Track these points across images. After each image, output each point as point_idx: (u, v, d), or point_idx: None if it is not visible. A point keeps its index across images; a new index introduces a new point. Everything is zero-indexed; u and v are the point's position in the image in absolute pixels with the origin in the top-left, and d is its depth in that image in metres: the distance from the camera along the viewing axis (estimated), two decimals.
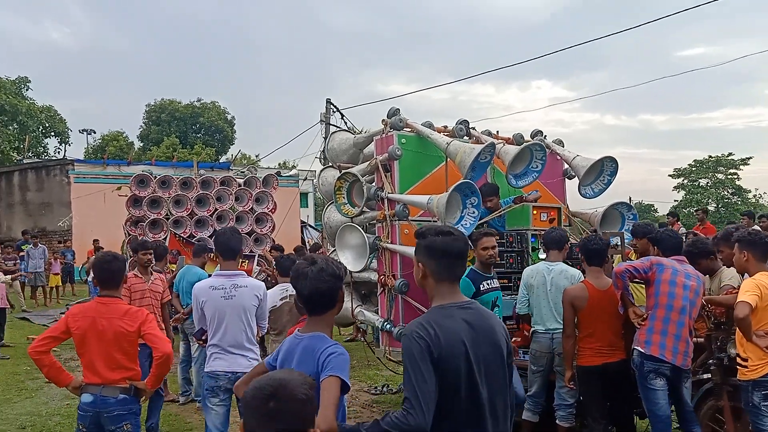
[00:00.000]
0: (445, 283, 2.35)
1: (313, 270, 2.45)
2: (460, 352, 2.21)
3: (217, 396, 4.07)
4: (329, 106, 20.85)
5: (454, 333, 2.22)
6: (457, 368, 2.21)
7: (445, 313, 2.28)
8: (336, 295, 2.51)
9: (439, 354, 2.17)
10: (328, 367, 2.34)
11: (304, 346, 2.44)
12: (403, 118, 5.99)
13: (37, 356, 3.39)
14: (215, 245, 4.34)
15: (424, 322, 2.25)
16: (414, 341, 2.19)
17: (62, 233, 20.37)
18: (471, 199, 5.47)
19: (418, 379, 2.14)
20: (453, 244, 2.35)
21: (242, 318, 4.10)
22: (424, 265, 2.36)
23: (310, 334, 2.48)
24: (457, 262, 2.40)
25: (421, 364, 2.15)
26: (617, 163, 6.45)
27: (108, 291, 3.55)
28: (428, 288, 2.39)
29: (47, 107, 31.30)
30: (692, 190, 43.72)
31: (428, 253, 2.35)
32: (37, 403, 7.50)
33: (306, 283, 2.44)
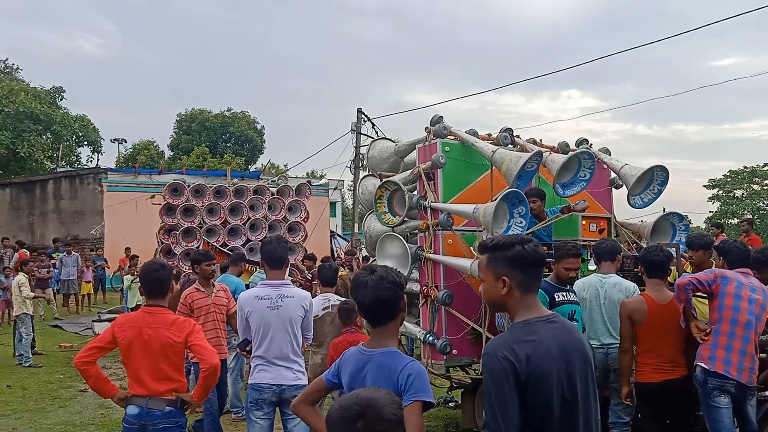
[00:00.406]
0: (530, 295, 2.19)
1: (373, 279, 2.37)
2: (552, 371, 2.05)
3: (262, 409, 3.94)
4: (360, 115, 20.83)
5: (543, 350, 2.06)
6: (549, 389, 2.05)
7: (532, 328, 2.12)
8: (398, 304, 2.42)
9: (528, 375, 2.02)
10: (411, 389, 2.25)
11: (379, 364, 2.35)
12: (446, 125, 5.85)
13: (83, 366, 3.29)
14: (261, 254, 4.21)
15: (510, 341, 2.10)
16: (498, 362, 2.03)
17: (94, 241, 20.59)
18: (518, 208, 5.29)
19: (501, 404, 2.00)
20: (539, 252, 2.21)
21: (288, 329, 3.97)
22: (509, 277, 2.16)
23: (381, 349, 2.38)
24: (541, 272, 2.27)
25: (505, 388, 2.00)
26: (668, 172, 6.21)
27: (155, 300, 3.45)
28: (511, 303, 2.19)
29: (81, 117, 31.83)
30: (727, 201, 42.74)
31: (515, 263, 2.16)
32: (71, 413, 7.46)
33: (366, 292, 2.36)
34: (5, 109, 25.54)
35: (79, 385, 8.89)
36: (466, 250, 5.69)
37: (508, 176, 5.47)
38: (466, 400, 5.94)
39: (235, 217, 12.20)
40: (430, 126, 5.88)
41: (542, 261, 2.24)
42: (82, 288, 16.54)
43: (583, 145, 6.87)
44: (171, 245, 12.05)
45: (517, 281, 2.16)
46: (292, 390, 3.95)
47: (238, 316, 4.08)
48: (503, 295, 2.18)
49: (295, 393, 3.94)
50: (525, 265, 2.17)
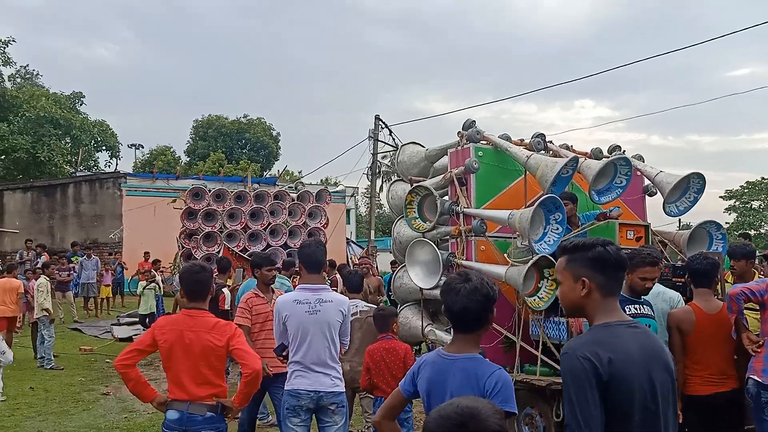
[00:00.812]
0: (611, 298, 2.13)
1: (466, 287, 2.36)
2: (633, 375, 1.99)
3: (299, 416, 3.86)
4: (378, 122, 20.80)
5: (625, 354, 2.00)
6: (630, 393, 1.98)
7: (613, 332, 2.06)
8: (486, 316, 2.41)
9: (609, 377, 1.95)
10: (498, 397, 2.24)
11: (463, 369, 2.33)
12: (479, 130, 5.78)
13: (123, 370, 3.23)
14: (299, 257, 4.13)
15: (591, 341, 2.04)
16: (579, 362, 1.96)
17: (113, 245, 20.69)
18: (555, 214, 5.20)
19: (582, 405, 1.94)
20: (621, 255, 2.15)
21: (326, 334, 3.88)
22: (590, 279, 2.11)
23: (464, 355, 2.37)
24: (623, 275, 2.21)
25: (587, 389, 1.94)
26: (705, 179, 6.09)
27: (195, 303, 3.38)
28: (591, 305, 2.13)
29: (100, 122, 32.17)
30: (744, 212, 42.22)
31: (597, 265, 2.12)
32: (95, 416, 7.42)
33: (456, 300, 2.36)
34: (26, 113, 25.80)
35: (101, 388, 8.88)
36: (499, 257, 5.59)
37: (543, 182, 5.38)
38: None
39: (256, 222, 12.17)
40: (463, 130, 5.81)
41: (624, 264, 2.18)
42: (101, 291, 16.61)
43: (615, 152, 6.77)
44: (192, 249, 12.04)
45: (597, 283, 2.11)
46: (330, 397, 3.87)
47: (275, 320, 4.01)
48: (582, 297, 2.13)
49: (333, 400, 3.86)
50: (606, 267, 2.11)
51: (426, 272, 5.90)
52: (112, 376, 9.78)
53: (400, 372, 4.45)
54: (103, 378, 9.65)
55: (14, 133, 24.91)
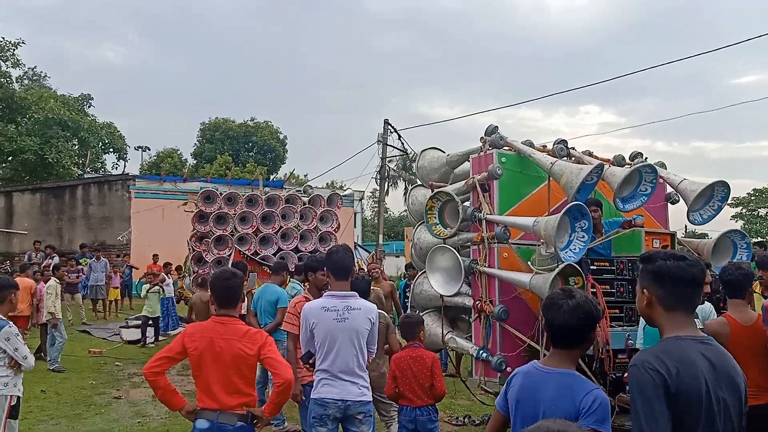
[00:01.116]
0: (678, 312, 2.11)
1: (569, 304, 2.35)
2: (701, 391, 1.96)
3: (325, 425, 3.78)
4: (387, 126, 20.76)
5: (694, 368, 1.98)
6: (696, 408, 1.95)
7: (683, 345, 2.04)
8: (587, 335, 2.41)
9: (676, 390, 1.94)
10: (593, 416, 2.23)
11: (559, 383, 2.32)
12: (503, 135, 5.71)
13: (152, 377, 3.15)
14: (327, 264, 4.04)
15: (659, 353, 2.02)
16: (647, 374, 1.95)
17: (121, 247, 20.68)
18: (581, 222, 5.12)
19: (649, 418, 1.92)
20: (687, 270, 2.10)
21: (355, 342, 3.81)
22: (649, 291, 2.15)
23: (562, 370, 2.37)
24: (691, 290, 2.14)
25: (654, 401, 1.92)
26: (729, 188, 6.01)
27: (226, 310, 3.31)
28: (655, 317, 2.16)
29: (108, 124, 32.23)
30: (751, 219, 42.02)
31: (655, 278, 2.13)
32: (108, 420, 7.37)
33: (558, 316, 2.36)
34: (35, 115, 25.85)
35: (112, 392, 8.82)
36: (522, 264, 5.52)
37: (568, 189, 5.31)
38: None
39: (267, 226, 12.10)
40: (486, 136, 5.74)
41: (686, 280, 2.11)
42: (110, 294, 16.58)
43: (637, 159, 6.70)
44: (202, 253, 11.98)
45: (657, 296, 2.12)
46: (357, 406, 3.79)
47: (301, 327, 3.93)
48: (645, 307, 2.17)
49: (360, 409, 3.79)
50: (664, 281, 2.11)
51: (446, 279, 5.83)
52: (123, 380, 9.74)
53: (426, 381, 4.38)
54: (114, 381, 9.60)
55: (22, 135, 24.97)
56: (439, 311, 5.98)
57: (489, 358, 5.39)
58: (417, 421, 4.36)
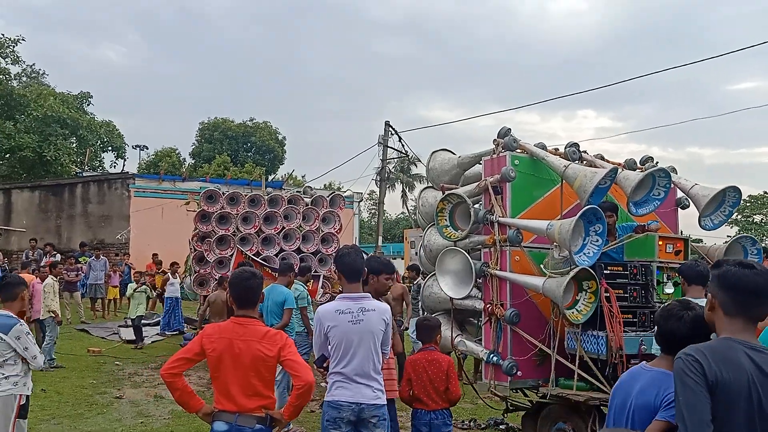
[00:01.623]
0: (739, 320, 2.16)
1: (690, 315, 2.45)
2: (741, 389, 2.01)
3: (339, 428, 3.72)
4: (388, 128, 20.72)
5: (737, 366, 2.03)
6: (736, 405, 2.00)
7: (732, 346, 2.10)
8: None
9: (715, 380, 2.00)
10: (671, 411, 2.26)
11: (653, 377, 2.44)
12: (516, 138, 5.68)
13: (170, 379, 3.10)
14: (338, 266, 3.97)
15: (702, 347, 2.11)
16: (687, 363, 2.05)
17: (120, 246, 20.57)
18: (595, 226, 5.09)
19: (690, 405, 2.00)
20: (752, 278, 2.15)
21: (370, 344, 3.76)
22: (713, 295, 2.23)
23: (661, 369, 2.46)
24: (753, 299, 2.16)
25: (693, 385, 2.01)
26: (741, 193, 6.00)
27: (245, 310, 3.26)
28: (716, 321, 2.23)
29: (107, 122, 32.00)
30: (746, 226, 42.17)
31: (720, 283, 2.21)
32: (110, 420, 7.30)
33: (680, 326, 2.45)
34: (33, 112, 25.68)
35: (113, 392, 8.75)
36: (534, 268, 5.49)
37: (582, 192, 5.28)
38: (527, 425, 5.70)
39: (269, 227, 12.03)
40: (499, 138, 5.71)
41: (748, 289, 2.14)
42: (109, 292, 16.49)
43: (648, 163, 6.68)
44: (204, 252, 11.91)
45: (720, 300, 2.19)
46: (371, 409, 3.74)
47: (315, 331, 3.87)
48: (708, 312, 2.26)
49: (375, 413, 3.74)
50: (726, 287, 2.17)
51: (456, 281, 5.79)
52: (123, 379, 9.66)
53: (442, 384, 4.34)
54: (114, 381, 9.53)
55: (20, 132, 24.77)
56: (449, 314, 5.93)
57: (500, 361, 5.35)
58: (432, 425, 4.31)
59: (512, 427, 6.85)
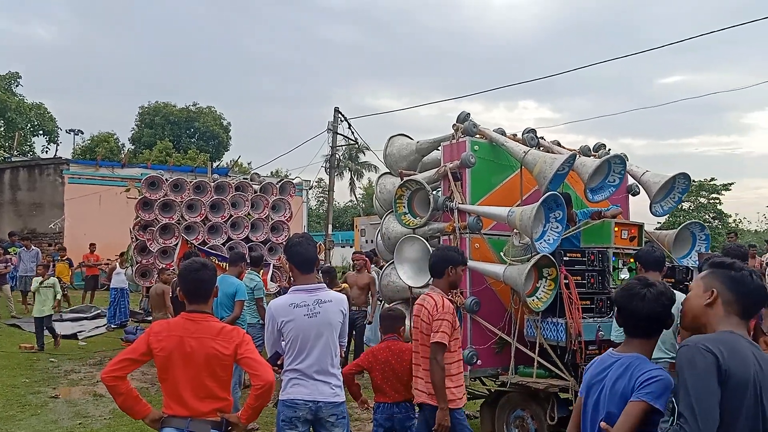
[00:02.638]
0: (737, 318, 2.18)
1: (652, 293, 2.36)
2: (748, 379, 2.00)
3: (296, 428, 3.51)
4: (337, 115, 20.40)
5: (745, 359, 2.03)
6: (743, 395, 2.00)
7: (735, 338, 2.09)
8: (665, 321, 2.40)
9: (727, 369, 1.98)
10: (645, 389, 2.22)
11: (625, 363, 2.35)
12: (476, 123, 5.56)
13: (112, 382, 2.80)
14: (289, 256, 3.71)
15: (712, 338, 2.08)
16: (701, 353, 2.00)
17: (53, 235, 19.53)
18: (555, 213, 5.04)
19: (700, 394, 1.95)
20: (762, 289, 2.21)
21: (328, 338, 3.55)
22: (720, 293, 2.19)
23: (631, 354, 2.37)
24: (758, 308, 2.25)
25: (707, 378, 1.97)
26: (690, 179, 6.09)
27: (197, 305, 2.99)
28: (712, 317, 2.19)
29: (37, 105, 30.37)
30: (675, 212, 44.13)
31: (733, 284, 2.19)
32: (46, 422, 6.84)
33: (644, 306, 2.34)
34: None
35: (48, 391, 8.24)
36: (494, 255, 5.41)
37: (541, 178, 5.22)
38: (486, 413, 5.64)
39: (216, 215, 11.61)
40: (458, 123, 5.58)
41: (761, 297, 2.21)
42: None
43: (601, 150, 6.71)
44: (146, 242, 11.40)
45: (725, 298, 2.17)
46: (329, 408, 3.54)
47: (267, 327, 3.63)
48: (703, 306, 2.19)
49: (333, 411, 3.54)
50: (740, 291, 2.17)
51: (415, 270, 5.66)
52: (59, 377, 9.12)
53: (406, 375, 4.18)
54: (49, 379, 8.98)
55: None
56: (407, 303, 5.79)
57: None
58: (394, 419, 4.16)
59: (469, 415, 6.80)
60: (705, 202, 42.84)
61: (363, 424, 6.76)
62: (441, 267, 4.09)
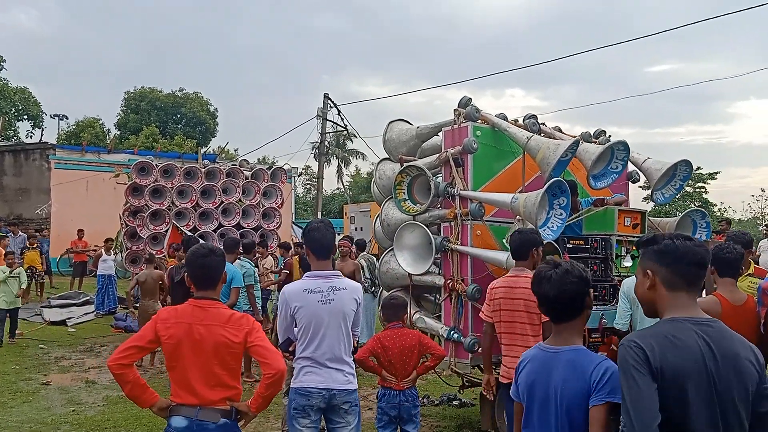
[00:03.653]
0: (681, 293, 2.04)
1: (558, 272, 2.27)
2: (690, 370, 1.90)
3: (308, 416, 3.45)
4: (326, 101, 20.22)
5: (684, 348, 1.92)
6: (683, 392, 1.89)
7: (677, 326, 1.97)
8: (583, 300, 2.29)
9: (660, 366, 1.89)
10: (606, 388, 2.11)
11: (569, 361, 2.21)
12: (478, 108, 5.48)
13: (120, 371, 2.71)
14: (307, 241, 3.64)
15: (645, 332, 1.99)
16: (629, 350, 1.93)
17: (40, 221, 19.22)
18: (559, 199, 4.99)
19: (633, 394, 1.89)
20: (693, 249, 2.05)
21: (342, 326, 3.49)
22: (653, 272, 2.07)
23: (568, 347, 2.25)
24: (696, 270, 2.06)
25: (636, 375, 1.89)
26: (692, 167, 6.06)
27: (204, 292, 2.91)
28: (658, 300, 2.08)
29: (21, 89, 29.79)
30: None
31: (661, 257, 2.07)
32: (38, 409, 6.73)
33: (551, 286, 2.26)
34: None
35: (39, 377, 8.13)
36: (495, 242, 5.36)
37: (545, 165, 5.16)
38: (485, 401, 5.60)
39: (207, 201, 11.49)
40: (460, 108, 5.50)
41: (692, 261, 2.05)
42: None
43: (601, 136, 6.67)
44: (137, 228, 11.26)
45: (662, 276, 2.06)
46: (342, 395, 3.48)
47: (280, 312, 3.55)
48: (647, 291, 2.09)
49: (347, 399, 3.49)
50: (669, 260, 2.05)
51: (415, 257, 5.60)
52: (49, 364, 9.00)
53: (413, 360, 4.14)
54: (39, 366, 8.86)
55: None
56: (406, 290, 5.74)
57: (461, 338, 5.22)
58: (400, 407, 4.11)
59: (466, 403, 6.80)
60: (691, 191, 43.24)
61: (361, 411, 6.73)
62: (526, 249, 4.24)
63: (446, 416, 6.49)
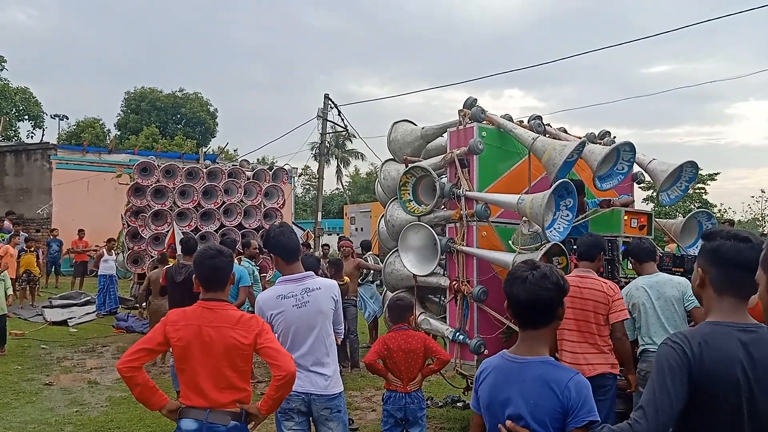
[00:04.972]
0: (728, 298, 1.95)
1: (535, 275, 2.08)
2: (729, 380, 1.84)
3: (292, 419, 3.43)
4: (327, 101, 20.19)
5: (725, 355, 1.86)
6: (721, 399, 1.84)
7: (718, 330, 1.91)
8: (555, 309, 2.11)
9: (699, 373, 1.85)
10: (584, 409, 2.00)
11: (538, 376, 2.05)
12: (483, 108, 5.47)
13: (129, 373, 2.70)
14: (271, 247, 3.59)
15: (690, 335, 1.92)
16: (672, 349, 1.89)
17: (41, 221, 19.19)
18: (566, 200, 4.97)
19: (660, 391, 1.85)
20: (746, 253, 1.92)
21: (320, 327, 3.46)
22: (704, 271, 2.00)
23: (536, 358, 2.09)
24: (746, 275, 1.92)
25: (669, 375, 1.85)
26: (698, 168, 6.05)
27: (213, 293, 2.89)
28: (705, 299, 2.03)
29: (22, 89, 29.75)
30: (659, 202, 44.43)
31: (712, 258, 1.98)
32: (42, 409, 6.72)
33: (524, 289, 2.07)
34: None
35: (41, 378, 8.12)
36: (501, 244, 5.34)
37: (551, 166, 5.14)
38: None
39: (209, 201, 11.47)
40: (465, 108, 5.48)
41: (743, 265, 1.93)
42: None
43: (606, 138, 6.65)
44: (138, 228, 11.24)
45: (711, 277, 1.98)
46: (322, 401, 3.45)
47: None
48: (698, 287, 2.03)
49: (326, 405, 3.45)
50: (720, 263, 1.95)
51: (420, 258, 5.58)
52: (51, 364, 8.99)
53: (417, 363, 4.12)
54: (41, 366, 8.84)
55: None
56: (411, 291, 5.72)
57: (466, 340, 5.20)
58: (407, 409, 4.10)
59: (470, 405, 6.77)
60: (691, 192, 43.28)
61: (364, 413, 6.72)
62: (595, 252, 4.49)
63: (450, 418, 6.48)
